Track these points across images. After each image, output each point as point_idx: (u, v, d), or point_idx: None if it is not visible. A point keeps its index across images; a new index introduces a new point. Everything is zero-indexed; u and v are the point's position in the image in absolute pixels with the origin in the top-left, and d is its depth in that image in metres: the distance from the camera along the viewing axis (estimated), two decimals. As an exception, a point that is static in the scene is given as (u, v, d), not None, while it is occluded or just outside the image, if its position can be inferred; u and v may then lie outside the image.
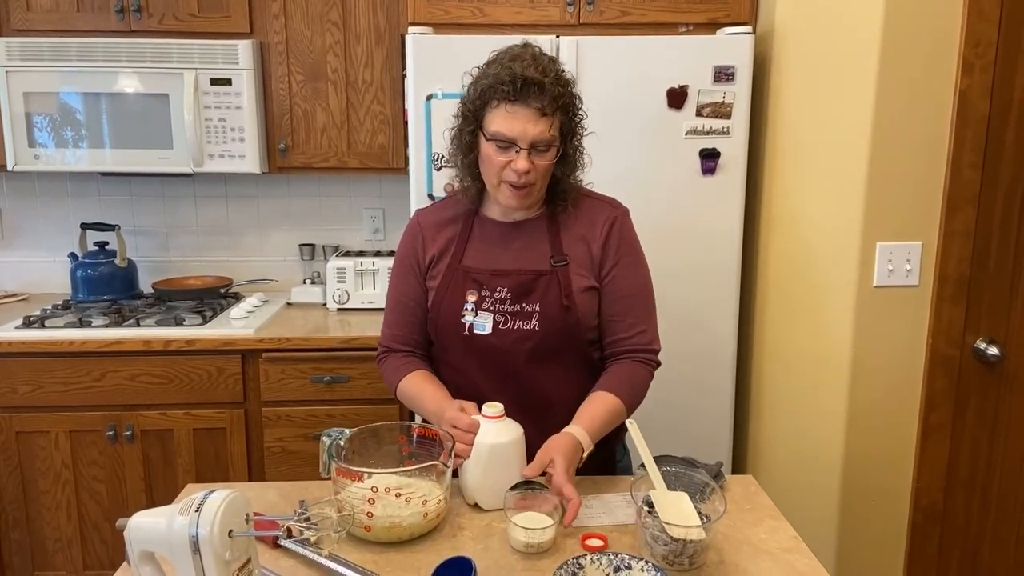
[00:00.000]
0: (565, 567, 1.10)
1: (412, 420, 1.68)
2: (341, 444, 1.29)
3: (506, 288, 1.43)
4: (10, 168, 2.43)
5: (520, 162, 1.33)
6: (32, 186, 2.80)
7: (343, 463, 1.24)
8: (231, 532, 0.93)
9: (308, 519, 1.04)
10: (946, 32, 1.81)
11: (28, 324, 2.34)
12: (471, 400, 1.37)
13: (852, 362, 1.98)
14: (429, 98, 2.17)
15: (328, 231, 2.90)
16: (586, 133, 1.44)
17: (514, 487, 1.27)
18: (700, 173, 2.24)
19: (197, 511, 0.92)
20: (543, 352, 1.43)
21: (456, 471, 1.34)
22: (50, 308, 2.53)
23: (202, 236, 2.88)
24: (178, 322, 2.37)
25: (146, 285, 2.77)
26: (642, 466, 1.27)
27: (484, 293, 1.43)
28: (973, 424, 1.94)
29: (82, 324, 2.34)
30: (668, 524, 1.15)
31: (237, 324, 2.39)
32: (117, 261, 2.63)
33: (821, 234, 2.06)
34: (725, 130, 2.21)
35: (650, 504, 1.22)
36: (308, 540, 1.18)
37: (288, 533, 1.20)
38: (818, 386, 2.09)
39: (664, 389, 1.72)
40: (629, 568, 1.11)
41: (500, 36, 1.93)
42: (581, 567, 1.11)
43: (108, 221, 2.79)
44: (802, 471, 2.17)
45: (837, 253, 2.00)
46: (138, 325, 2.35)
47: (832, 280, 2.02)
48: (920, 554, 2.06)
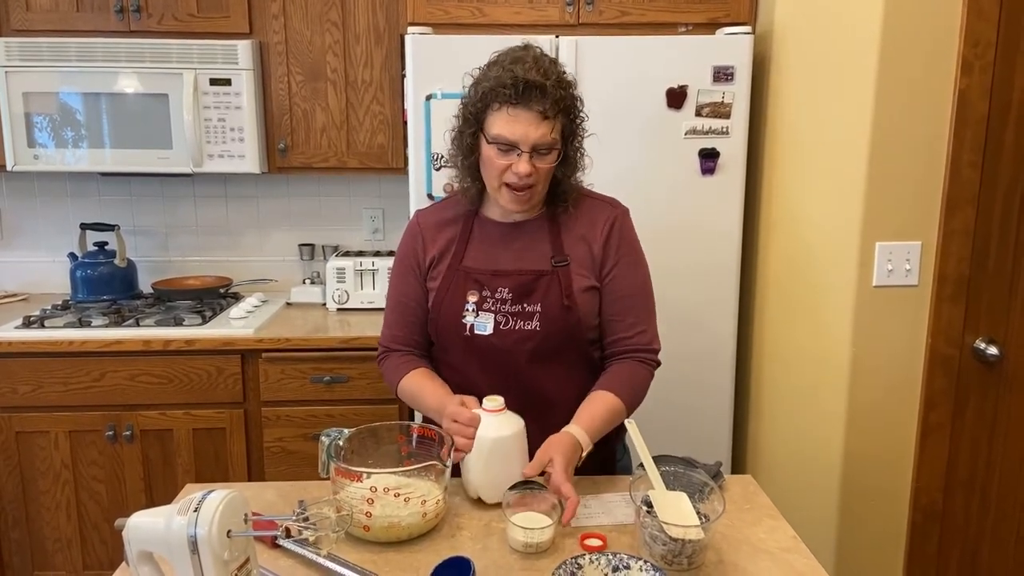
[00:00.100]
0: (564, 567, 1.10)
1: (411, 420, 1.69)
2: (340, 444, 1.29)
3: (507, 288, 1.43)
4: (10, 168, 2.43)
5: (521, 165, 1.33)
6: (32, 186, 2.80)
7: (342, 463, 1.24)
8: (229, 532, 0.93)
9: (307, 519, 1.04)
10: (945, 32, 1.81)
11: (28, 324, 2.34)
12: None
13: (851, 362, 1.98)
14: (428, 98, 2.17)
15: (328, 231, 2.90)
16: (587, 135, 1.44)
17: (513, 487, 1.27)
18: (699, 173, 2.24)
19: (195, 511, 0.92)
20: (544, 352, 1.43)
21: (457, 466, 1.34)
22: (50, 308, 2.53)
23: (202, 236, 2.88)
24: (178, 322, 2.37)
25: (146, 285, 2.77)
26: (641, 466, 1.27)
27: (485, 293, 1.43)
28: (972, 424, 1.94)
29: (82, 324, 2.34)
30: (667, 524, 1.15)
31: (237, 324, 2.39)
32: (117, 261, 2.64)
33: (820, 234, 2.06)
34: (724, 130, 2.21)
35: (649, 504, 1.22)
36: (307, 540, 1.18)
37: (287, 533, 1.20)
38: (817, 386, 2.09)
39: (664, 389, 1.72)
40: (628, 568, 1.11)
41: (499, 36, 1.93)
42: (580, 567, 1.11)
43: (108, 221, 2.79)
44: (801, 471, 2.17)
45: (836, 253, 1.99)
46: (138, 325, 2.35)
47: (831, 280, 2.02)
48: (919, 554, 2.06)
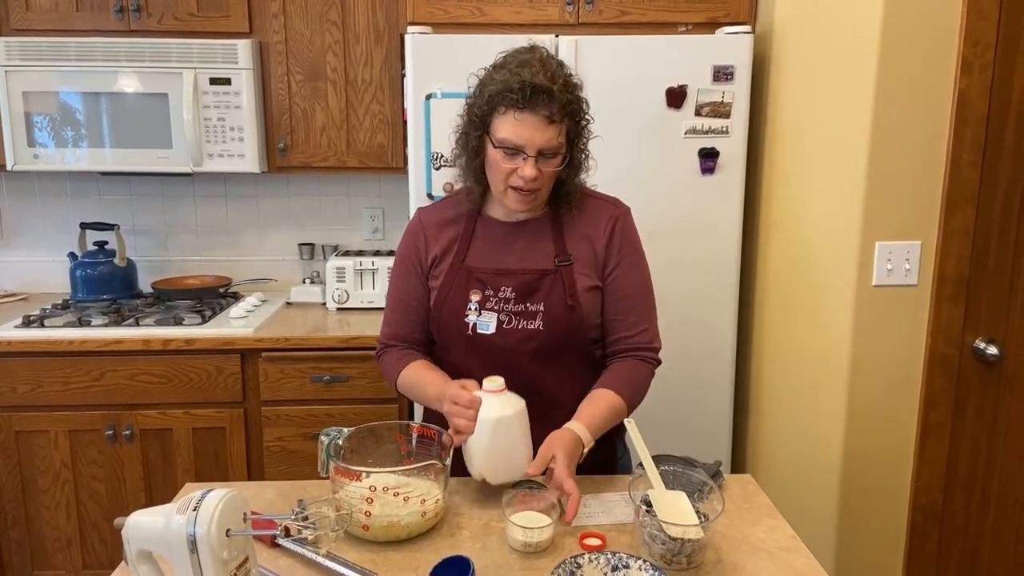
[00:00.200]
0: (563, 566, 1.10)
1: (411, 420, 1.68)
2: (340, 443, 1.29)
3: (510, 288, 1.43)
4: (9, 168, 2.43)
5: (527, 169, 1.33)
6: (32, 186, 2.80)
7: (341, 462, 1.24)
8: (229, 531, 0.93)
9: (306, 518, 1.04)
10: (945, 32, 1.81)
11: (27, 324, 2.34)
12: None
13: (851, 361, 1.98)
14: (428, 97, 2.17)
15: (327, 231, 2.89)
16: (592, 136, 1.44)
17: (513, 486, 1.26)
18: (699, 172, 2.24)
19: (195, 510, 0.92)
20: (547, 351, 1.43)
21: (459, 451, 1.33)
22: (49, 308, 2.53)
23: (201, 236, 2.88)
24: (177, 321, 2.37)
25: (145, 285, 2.77)
26: (640, 465, 1.27)
27: (488, 293, 1.43)
28: (972, 423, 1.94)
29: (81, 324, 2.34)
30: (666, 523, 1.15)
31: (236, 323, 2.39)
32: (116, 261, 2.64)
33: (820, 233, 2.06)
34: (724, 130, 2.21)
35: (648, 503, 1.22)
36: (306, 539, 1.18)
37: (286, 532, 1.20)
38: (817, 385, 2.09)
39: (663, 388, 1.72)
40: (627, 567, 1.11)
41: (499, 36, 1.93)
42: (579, 566, 1.11)
43: (107, 221, 2.79)
44: (801, 470, 2.17)
45: (836, 252, 1.99)
46: (137, 325, 2.35)
47: (831, 279, 2.02)
48: (919, 553, 2.06)
